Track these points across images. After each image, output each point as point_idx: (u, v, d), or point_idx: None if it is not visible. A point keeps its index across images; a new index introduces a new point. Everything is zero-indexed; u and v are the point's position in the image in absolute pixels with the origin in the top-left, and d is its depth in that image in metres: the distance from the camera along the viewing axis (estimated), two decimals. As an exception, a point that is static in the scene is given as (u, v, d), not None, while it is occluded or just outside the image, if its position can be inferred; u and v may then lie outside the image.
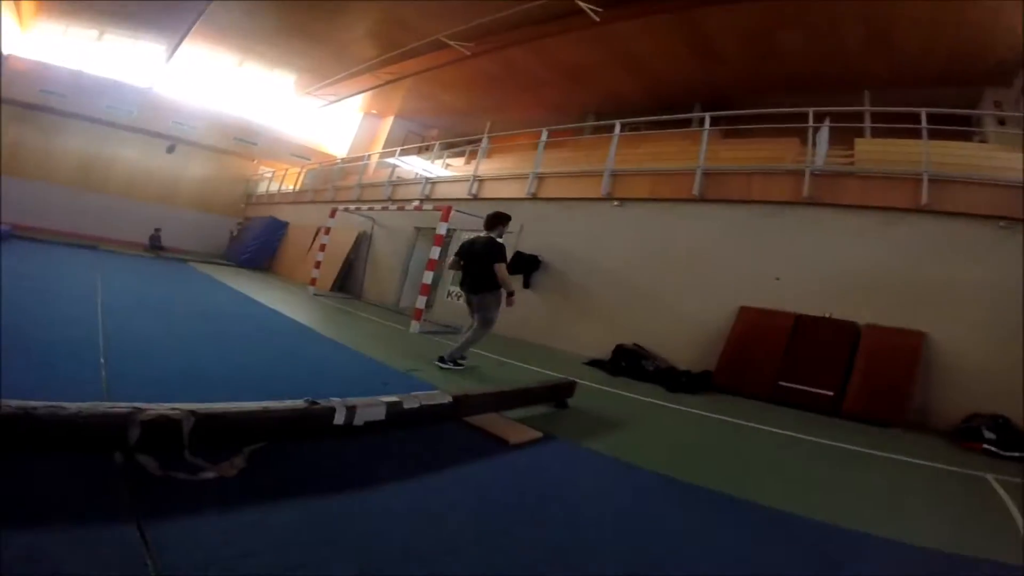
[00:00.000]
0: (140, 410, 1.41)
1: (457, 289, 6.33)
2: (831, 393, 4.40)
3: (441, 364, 3.98)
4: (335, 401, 1.85)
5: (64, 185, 13.66)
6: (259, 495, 1.46)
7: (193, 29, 12.06)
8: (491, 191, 8.26)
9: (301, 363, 3.70)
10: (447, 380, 3.61)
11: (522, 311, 5.52)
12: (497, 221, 4.13)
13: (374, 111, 16.55)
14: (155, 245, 14.34)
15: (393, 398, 2.05)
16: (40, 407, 1.27)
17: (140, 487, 1.36)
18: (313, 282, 9.27)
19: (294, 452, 1.77)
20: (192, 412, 1.49)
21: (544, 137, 7.77)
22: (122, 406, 1.42)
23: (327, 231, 9.70)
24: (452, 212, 6.44)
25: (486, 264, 3.91)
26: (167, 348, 3.31)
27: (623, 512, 1.87)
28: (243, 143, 16.82)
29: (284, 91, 16.16)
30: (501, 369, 4.47)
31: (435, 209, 7.03)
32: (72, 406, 1.34)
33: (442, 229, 6.39)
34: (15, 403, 1.25)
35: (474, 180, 8.44)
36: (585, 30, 8.48)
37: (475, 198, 8.30)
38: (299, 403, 1.77)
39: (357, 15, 10.44)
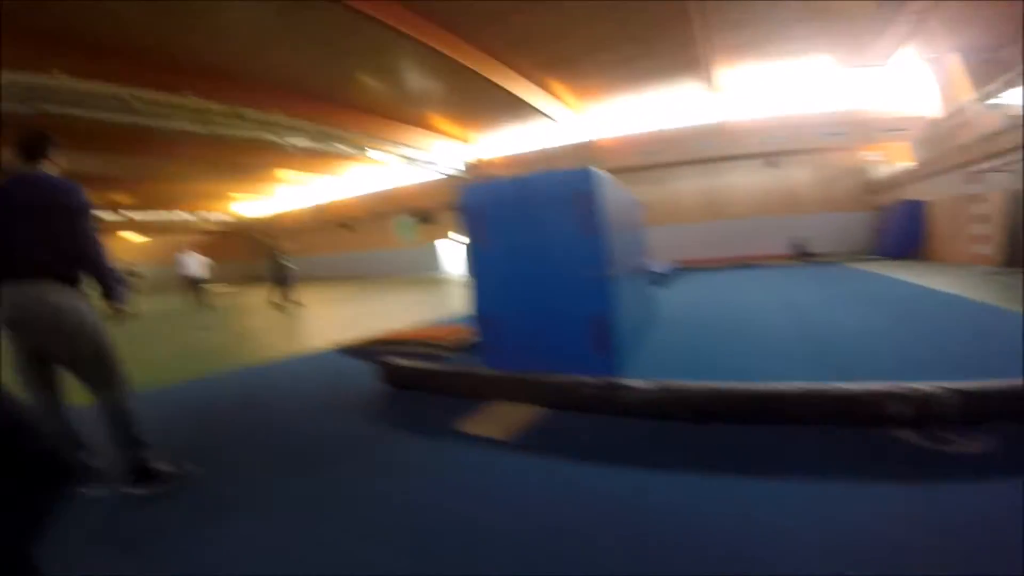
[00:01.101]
0: (914, 390, 2.00)
1: None
2: None
3: None
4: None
5: (694, 223, 17.11)
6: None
7: (717, 60, 13.63)
8: None
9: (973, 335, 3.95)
10: None
11: None
12: None
13: (934, 55, 13.63)
14: (802, 252, 15.70)
15: None
16: (823, 388, 2.18)
17: (906, 457, 1.85)
18: (979, 259, 8.77)
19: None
20: (957, 390, 1.96)
21: None
22: (899, 386, 2.05)
23: (979, 198, 8.92)
24: None
25: None
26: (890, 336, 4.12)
27: None
28: (831, 136, 16.79)
29: (830, 73, 15.58)
30: None
31: None
32: (855, 386, 2.14)
33: None
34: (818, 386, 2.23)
35: None
36: None
37: None
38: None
39: None
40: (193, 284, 11.58)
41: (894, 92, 15.77)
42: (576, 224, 3.01)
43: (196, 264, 11.55)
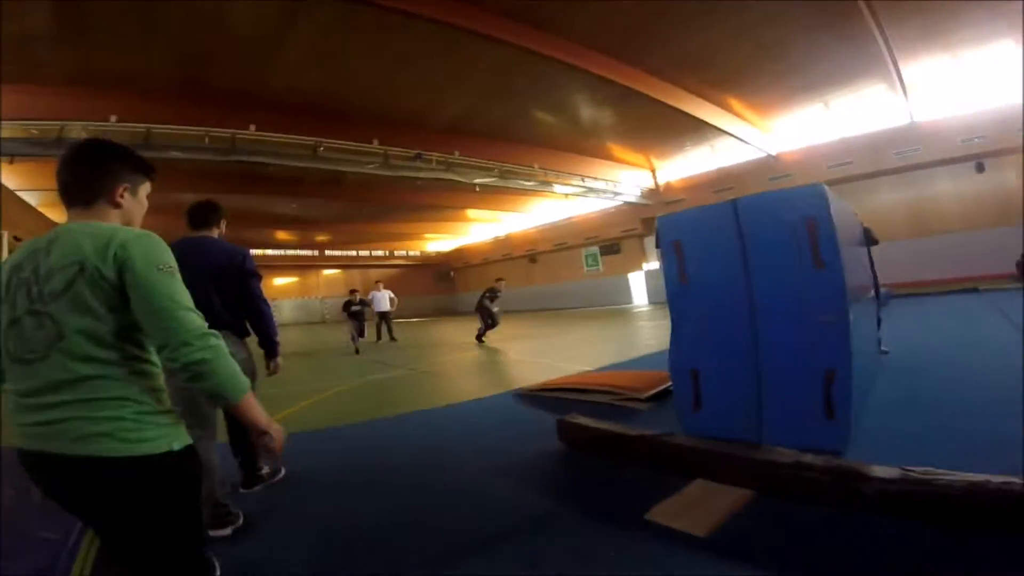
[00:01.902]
0: None
1: None
2: None
3: None
4: None
5: (898, 240, 14.30)
6: None
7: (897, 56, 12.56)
8: None
9: None
10: None
11: None
12: None
13: None
14: None
15: None
16: None
17: None
18: None
19: None
20: None
21: None
22: None
23: None
24: None
25: None
26: None
27: None
28: None
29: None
30: None
31: None
32: None
33: None
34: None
35: None
36: None
37: None
38: None
39: None
40: (383, 318, 12.35)
41: None
42: (804, 256, 2.39)
43: (386, 300, 12.22)
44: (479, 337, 10.16)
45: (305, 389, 5.85)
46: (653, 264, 22.78)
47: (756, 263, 2.54)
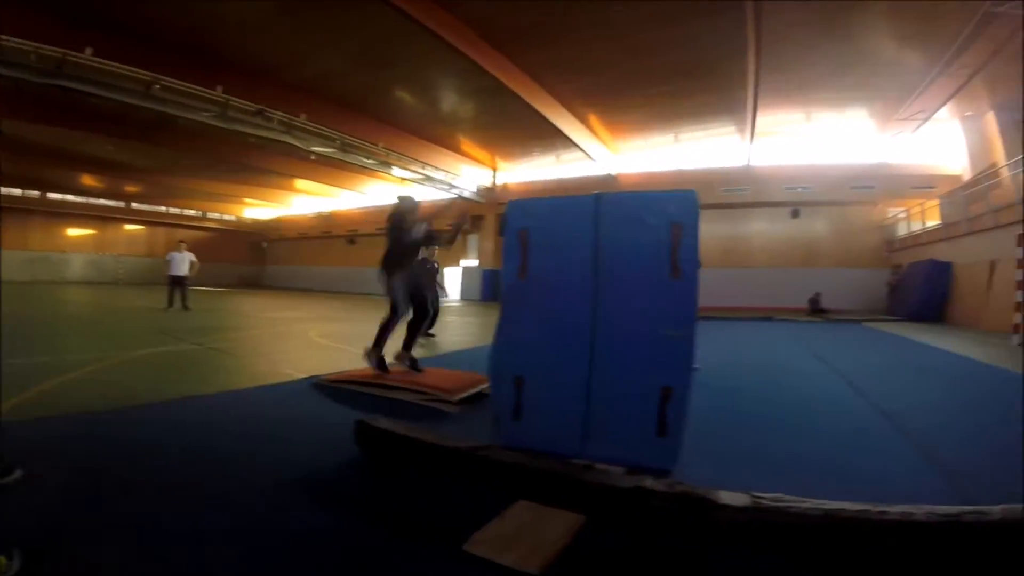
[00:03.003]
0: None
1: None
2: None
3: None
4: None
5: (714, 268, 15.07)
6: None
7: (757, 103, 13.36)
8: None
9: None
10: None
11: None
12: None
13: (969, 113, 13.95)
14: (816, 308, 15.36)
15: None
16: (964, 513, 1.46)
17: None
18: (1016, 328, 8.18)
19: None
20: None
21: None
22: None
23: (1020, 263, 8.22)
24: None
25: None
26: (961, 425, 3.37)
27: None
28: (860, 190, 16.54)
29: (866, 127, 15.71)
30: None
31: None
32: (995, 510, 1.44)
33: None
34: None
35: None
36: None
37: None
38: None
39: (885, 31, 10.43)
40: (178, 283, 10.85)
41: (925, 148, 15.61)
42: (662, 263, 2.16)
43: (185, 263, 10.86)
44: (411, 342, 5.24)
45: (70, 361, 4.60)
46: (472, 261, 23.35)
47: (609, 265, 2.26)
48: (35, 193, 25.36)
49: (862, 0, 9.45)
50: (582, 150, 16.79)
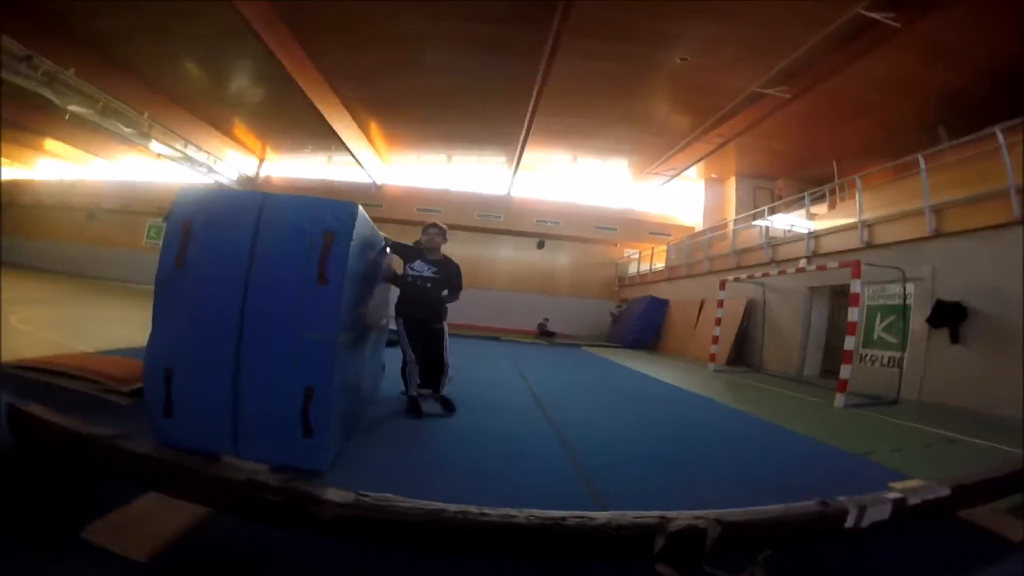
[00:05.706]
0: (668, 520, 1.53)
1: (873, 351, 7.18)
2: None
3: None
4: (844, 500, 1.74)
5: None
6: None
7: (528, 140, 14.17)
8: (885, 235, 7.73)
9: (734, 446, 3.79)
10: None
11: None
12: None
13: (713, 176, 16.65)
14: (545, 332, 16.74)
15: (896, 494, 1.87)
16: (569, 517, 1.56)
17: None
18: (712, 358, 9.38)
19: (805, 558, 1.75)
20: (718, 520, 1.55)
21: (924, 164, 7.05)
22: (650, 515, 1.56)
23: (720, 304, 9.61)
24: (862, 267, 6.35)
25: None
26: (620, 439, 3.70)
27: None
28: (604, 230, 18.69)
29: (623, 175, 17.74)
30: (953, 447, 4.10)
31: (840, 266, 7.14)
32: (601, 516, 1.57)
33: (856, 287, 6.31)
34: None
35: (863, 227, 8.05)
36: (889, 40, 7.93)
37: (868, 246, 7.89)
38: (811, 504, 1.72)
39: (662, 96, 11.80)
40: None
41: (669, 201, 18.49)
42: (311, 269, 2.27)
43: None
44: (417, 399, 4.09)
45: None
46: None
47: (262, 266, 2.28)
48: None
49: (651, 66, 10.62)
50: (354, 157, 16.17)
